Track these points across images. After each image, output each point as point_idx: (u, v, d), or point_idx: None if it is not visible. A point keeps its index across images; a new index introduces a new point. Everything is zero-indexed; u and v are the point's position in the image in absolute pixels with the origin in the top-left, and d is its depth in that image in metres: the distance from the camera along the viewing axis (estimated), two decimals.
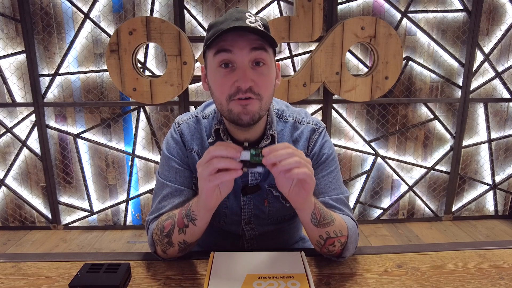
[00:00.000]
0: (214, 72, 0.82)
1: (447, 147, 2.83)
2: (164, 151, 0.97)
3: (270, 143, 0.91)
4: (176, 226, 0.82)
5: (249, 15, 0.79)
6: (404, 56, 2.61)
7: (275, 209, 0.98)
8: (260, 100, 0.80)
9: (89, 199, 2.80)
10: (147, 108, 2.65)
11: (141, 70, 2.57)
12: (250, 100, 0.79)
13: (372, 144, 2.78)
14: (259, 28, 0.77)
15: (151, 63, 2.59)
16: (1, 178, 2.74)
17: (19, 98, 2.61)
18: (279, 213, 0.99)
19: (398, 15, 2.56)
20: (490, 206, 2.97)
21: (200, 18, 2.51)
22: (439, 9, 2.57)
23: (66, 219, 2.84)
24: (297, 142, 0.96)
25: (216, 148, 0.69)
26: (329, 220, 0.81)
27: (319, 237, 0.82)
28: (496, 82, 2.72)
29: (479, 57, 2.67)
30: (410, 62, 2.65)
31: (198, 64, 2.48)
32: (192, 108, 2.62)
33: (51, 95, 2.60)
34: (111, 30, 2.50)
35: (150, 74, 2.60)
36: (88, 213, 2.83)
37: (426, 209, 2.94)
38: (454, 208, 2.94)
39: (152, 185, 2.80)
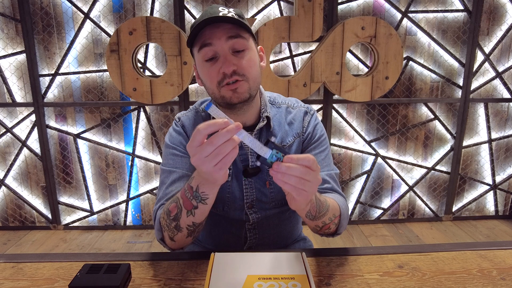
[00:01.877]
0: (201, 66, 0.90)
1: (447, 147, 2.82)
2: (167, 142, 1.00)
3: (266, 124, 0.97)
4: (183, 209, 0.81)
5: (222, 9, 0.85)
6: (404, 56, 2.61)
7: (277, 190, 1.00)
8: (247, 81, 0.87)
9: (89, 199, 2.79)
10: (147, 108, 2.65)
11: (141, 70, 2.57)
12: (238, 83, 0.86)
13: (373, 144, 2.78)
14: (233, 17, 0.83)
15: (151, 63, 2.59)
16: (1, 178, 2.74)
17: (19, 98, 2.61)
18: (281, 194, 1.01)
19: (398, 15, 2.56)
20: (490, 206, 2.97)
21: None
22: (439, 9, 2.56)
23: (66, 219, 2.84)
24: (292, 124, 1.02)
25: (219, 137, 0.64)
26: (323, 212, 0.84)
27: (315, 225, 0.88)
28: (497, 82, 2.72)
29: (480, 57, 2.66)
30: (411, 62, 2.65)
31: None
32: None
33: (51, 95, 2.60)
34: (111, 30, 2.50)
35: (150, 74, 2.60)
36: (88, 213, 2.82)
37: (427, 209, 2.94)
38: (454, 208, 2.94)
39: (152, 185, 2.80)
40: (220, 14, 0.83)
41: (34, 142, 2.68)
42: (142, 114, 2.67)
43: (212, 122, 0.65)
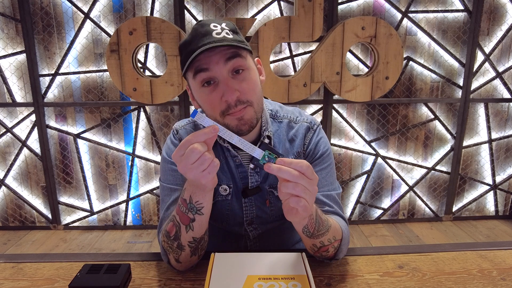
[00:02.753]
0: (198, 92, 0.82)
1: (447, 147, 2.82)
2: (165, 157, 0.95)
3: (267, 143, 0.92)
4: (181, 225, 0.79)
5: (214, 26, 0.78)
6: (404, 56, 2.60)
7: (277, 208, 0.98)
8: (252, 105, 0.81)
9: (89, 199, 2.79)
10: (147, 108, 2.65)
11: (141, 70, 2.57)
12: (243, 110, 0.80)
13: (373, 144, 2.78)
14: (227, 36, 0.77)
15: (151, 63, 2.59)
16: (1, 178, 2.74)
17: (19, 98, 2.61)
18: (281, 211, 0.98)
19: (398, 15, 2.56)
20: (490, 207, 2.97)
21: (200, 18, 2.51)
22: (439, 9, 2.56)
23: (66, 219, 2.84)
24: (293, 141, 0.97)
25: (198, 146, 0.65)
26: (323, 231, 0.79)
27: (312, 244, 0.82)
28: (497, 82, 2.72)
29: (480, 57, 2.66)
30: (411, 62, 2.65)
31: None
32: (192, 108, 2.61)
33: (51, 95, 2.60)
34: (111, 30, 2.50)
35: (150, 74, 2.60)
36: (88, 213, 2.82)
37: (427, 209, 2.94)
38: (454, 208, 2.94)
39: (152, 185, 2.80)
40: (213, 33, 0.77)
41: (34, 142, 2.67)
42: (142, 114, 2.67)
43: (200, 132, 0.66)
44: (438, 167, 2.85)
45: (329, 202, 0.92)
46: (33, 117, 2.62)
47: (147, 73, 2.59)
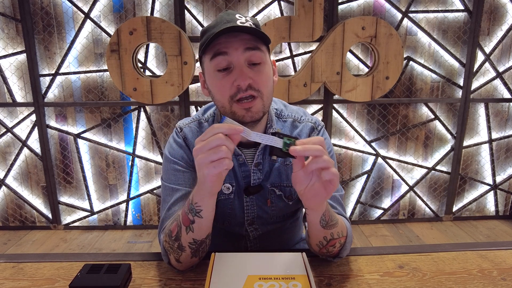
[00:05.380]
0: (212, 76, 0.83)
1: (447, 147, 2.82)
2: (167, 156, 0.94)
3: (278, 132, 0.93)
4: (182, 226, 0.78)
5: (239, 16, 0.80)
6: (404, 56, 2.61)
7: (278, 208, 0.98)
8: (262, 97, 0.82)
9: (89, 199, 2.79)
10: (147, 108, 2.65)
11: (142, 70, 2.57)
12: (252, 101, 0.80)
13: (373, 144, 2.78)
14: (252, 27, 0.78)
15: (152, 63, 2.59)
16: (2, 178, 2.74)
17: (19, 98, 2.61)
18: (282, 212, 0.99)
19: (399, 15, 2.56)
20: (490, 207, 2.97)
21: (200, 18, 2.51)
22: (440, 9, 2.56)
23: (67, 219, 2.84)
24: None
25: (220, 137, 0.65)
26: (335, 222, 0.81)
27: (323, 238, 0.82)
28: (497, 82, 2.72)
29: (480, 57, 2.66)
30: (411, 62, 2.65)
31: (198, 64, 2.48)
32: (192, 108, 2.62)
33: (51, 95, 2.60)
34: (111, 30, 2.50)
35: (150, 74, 2.60)
36: (89, 213, 2.82)
37: (427, 209, 2.94)
38: (454, 208, 2.94)
39: (152, 185, 2.79)
40: (238, 22, 0.78)
41: (34, 142, 2.68)
42: (143, 114, 2.67)
43: (232, 126, 0.66)
44: (438, 167, 2.85)
45: (333, 204, 0.92)
46: (33, 117, 2.62)
47: (147, 73, 2.59)
